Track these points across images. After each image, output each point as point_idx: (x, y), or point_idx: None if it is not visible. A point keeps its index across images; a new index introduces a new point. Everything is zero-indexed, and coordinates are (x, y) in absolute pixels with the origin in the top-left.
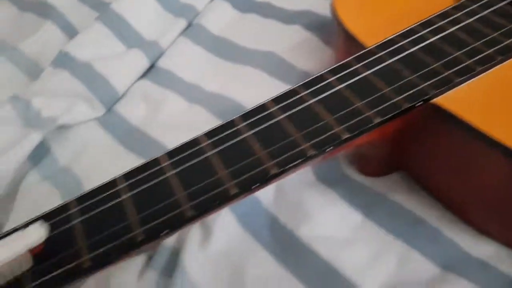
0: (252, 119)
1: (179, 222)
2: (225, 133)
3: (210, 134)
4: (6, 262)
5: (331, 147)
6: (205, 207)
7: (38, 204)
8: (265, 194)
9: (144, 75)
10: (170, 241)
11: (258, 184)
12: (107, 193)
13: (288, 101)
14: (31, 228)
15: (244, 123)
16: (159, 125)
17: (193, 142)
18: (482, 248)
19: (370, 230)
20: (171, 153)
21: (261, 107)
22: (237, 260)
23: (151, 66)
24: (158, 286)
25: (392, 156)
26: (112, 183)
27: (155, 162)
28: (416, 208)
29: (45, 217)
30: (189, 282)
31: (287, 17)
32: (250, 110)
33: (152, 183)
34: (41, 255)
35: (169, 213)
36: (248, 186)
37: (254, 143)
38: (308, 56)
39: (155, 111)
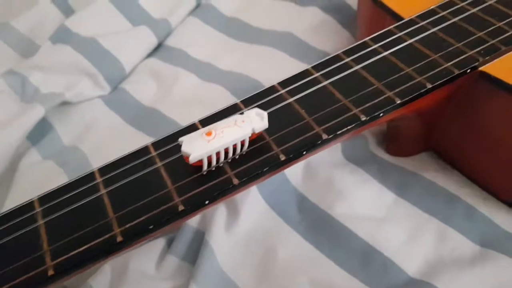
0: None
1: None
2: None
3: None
4: None
5: (382, 113)
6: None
7: (39, 183)
8: (293, 173)
9: (152, 53)
10: (191, 223)
11: (305, 151)
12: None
13: (332, 67)
14: None
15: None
16: (171, 103)
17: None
18: None
19: (405, 209)
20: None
21: (303, 74)
22: (267, 242)
23: (159, 45)
24: (180, 272)
25: (425, 133)
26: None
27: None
28: (449, 186)
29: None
30: (217, 266)
31: None
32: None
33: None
34: None
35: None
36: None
37: (299, 109)
38: (327, 38)
39: (167, 89)
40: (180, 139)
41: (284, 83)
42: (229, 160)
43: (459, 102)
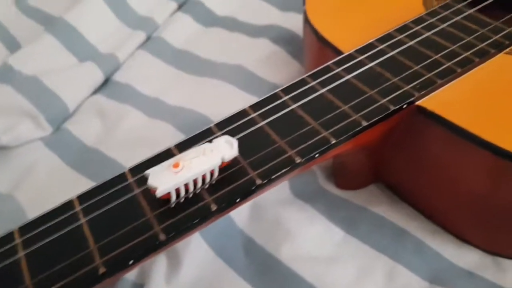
0: (232, 126)
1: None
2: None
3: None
4: None
5: (317, 154)
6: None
7: None
8: (239, 214)
9: (99, 89)
10: (129, 276)
11: (239, 199)
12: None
13: (268, 107)
14: None
15: (220, 131)
16: (115, 143)
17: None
18: (466, 257)
19: (354, 247)
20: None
21: (240, 114)
22: None
23: (107, 81)
24: None
25: (371, 167)
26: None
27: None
28: (397, 220)
29: None
30: None
31: (254, 31)
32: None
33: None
34: None
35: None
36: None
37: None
38: (277, 70)
39: (111, 128)
40: (147, 172)
41: (220, 125)
42: (198, 191)
43: (400, 135)
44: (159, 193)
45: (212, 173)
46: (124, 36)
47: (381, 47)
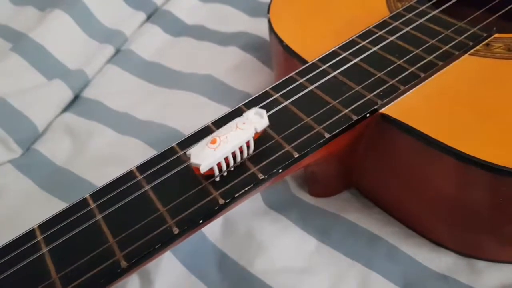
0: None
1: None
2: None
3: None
4: None
5: (281, 169)
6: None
7: None
8: (211, 228)
9: (68, 107)
10: None
11: (202, 221)
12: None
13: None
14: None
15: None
16: (85, 162)
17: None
18: (440, 261)
19: (327, 255)
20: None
21: (202, 132)
22: None
23: (76, 97)
24: None
25: (343, 174)
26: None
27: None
28: (371, 226)
29: None
30: None
31: (223, 39)
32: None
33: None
34: None
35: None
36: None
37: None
38: (247, 77)
39: (81, 147)
40: (188, 152)
41: (180, 144)
42: (238, 164)
43: (368, 142)
44: (203, 168)
45: (248, 145)
46: (92, 51)
47: (344, 54)
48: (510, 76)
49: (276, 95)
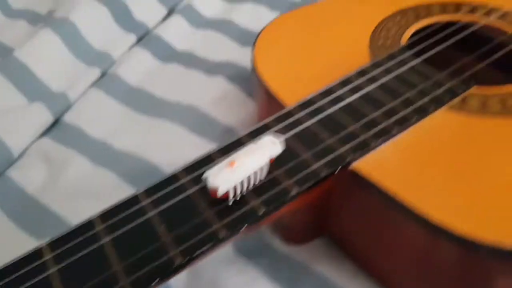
0: (159, 194)
1: None
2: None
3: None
4: None
5: (244, 226)
6: None
7: None
8: (175, 278)
9: (46, 132)
10: None
11: (158, 279)
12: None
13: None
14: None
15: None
16: (57, 193)
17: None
18: None
19: None
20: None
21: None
22: None
23: (56, 121)
24: None
25: (315, 221)
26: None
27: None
28: (340, 279)
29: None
30: None
31: (210, 68)
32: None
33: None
34: None
35: None
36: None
37: (158, 225)
38: (231, 110)
39: (55, 176)
40: (204, 174)
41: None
42: (250, 190)
43: (340, 193)
44: (220, 192)
45: (262, 170)
46: (78, 73)
47: (321, 103)
48: (481, 136)
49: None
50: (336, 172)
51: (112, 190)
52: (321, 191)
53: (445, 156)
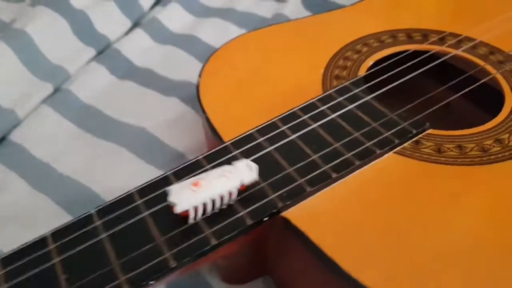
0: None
1: None
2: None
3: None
4: None
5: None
6: None
7: None
8: None
9: None
10: None
11: None
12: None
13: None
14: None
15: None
16: None
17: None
18: None
19: None
20: None
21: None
22: None
23: (3, 139)
24: None
25: (254, 263)
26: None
27: None
28: None
29: None
30: None
31: (167, 87)
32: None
33: None
34: None
35: None
36: None
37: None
38: (183, 134)
39: None
40: (168, 188)
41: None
42: (217, 211)
43: (275, 238)
44: (178, 209)
45: (230, 195)
46: (30, 88)
47: (260, 140)
48: (433, 188)
49: (175, 183)
50: (264, 221)
51: (47, 219)
52: (258, 233)
53: (386, 212)
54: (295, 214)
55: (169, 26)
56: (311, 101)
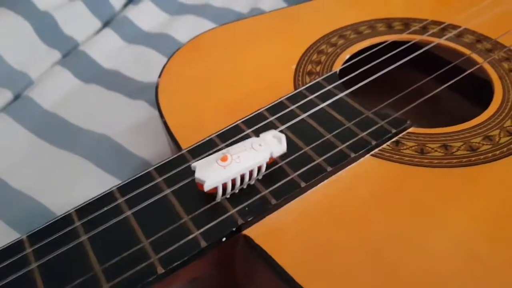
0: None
1: None
2: None
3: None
4: None
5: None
6: None
7: None
8: None
9: None
10: None
11: None
12: None
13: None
14: None
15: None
16: None
17: None
18: None
19: None
20: None
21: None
22: None
23: None
24: None
25: (226, 282)
26: None
27: None
28: None
29: None
30: None
31: (134, 90)
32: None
33: None
34: None
35: None
36: None
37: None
38: (148, 141)
39: None
40: (193, 164)
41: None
42: (244, 187)
43: (240, 257)
44: (207, 187)
45: (259, 169)
46: None
47: (221, 146)
48: (416, 195)
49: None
50: (221, 241)
51: None
52: (220, 253)
53: (361, 225)
54: (258, 230)
55: (141, 25)
56: (279, 100)
